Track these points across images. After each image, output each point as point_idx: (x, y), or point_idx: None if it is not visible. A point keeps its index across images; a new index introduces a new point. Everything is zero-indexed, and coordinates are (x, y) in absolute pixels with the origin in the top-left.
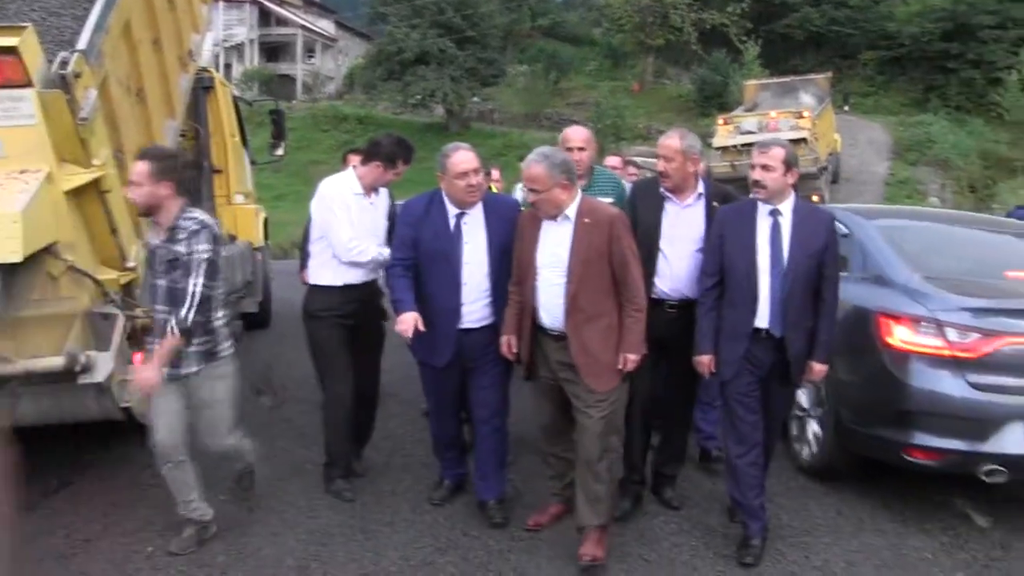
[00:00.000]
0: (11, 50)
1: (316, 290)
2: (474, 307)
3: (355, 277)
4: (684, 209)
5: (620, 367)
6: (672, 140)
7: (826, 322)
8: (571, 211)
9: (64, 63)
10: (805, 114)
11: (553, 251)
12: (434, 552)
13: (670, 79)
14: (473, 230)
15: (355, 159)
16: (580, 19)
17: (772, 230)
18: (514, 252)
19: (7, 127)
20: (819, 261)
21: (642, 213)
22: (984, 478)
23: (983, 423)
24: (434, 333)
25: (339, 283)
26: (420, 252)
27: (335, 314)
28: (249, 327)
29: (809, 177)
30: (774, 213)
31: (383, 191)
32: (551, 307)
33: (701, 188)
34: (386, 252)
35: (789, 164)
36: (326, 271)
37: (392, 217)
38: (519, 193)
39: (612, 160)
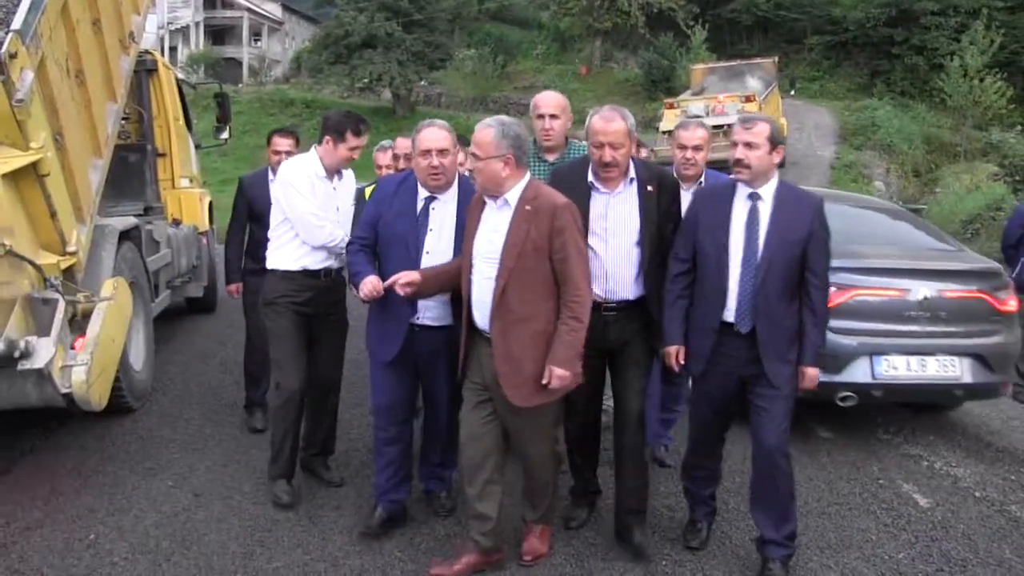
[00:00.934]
0: None
1: (272, 276)
2: (431, 303)
3: (313, 262)
4: (614, 197)
5: (545, 382)
6: (617, 123)
7: (812, 320)
8: (513, 195)
9: None
10: (752, 98)
11: (489, 239)
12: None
13: (618, 63)
14: (441, 217)
15: (280, 141)
16: (528, 2)
17: (749, 215)
18: None
19: None
20: (801, 252)
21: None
22: (839, 403)
23: (837, 358)
24: (385, 324)
25: (296, 267)
26: (380, 233)
27: (290, 301)
28: (194, 311)
29: None
30: (753, 197)
31: (348, 175)
32: (482, 304)
33: (632, 172)
34: (344, 236)
35: (775, 141)
36: (282, 255)
37: (359, 201)
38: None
39: None
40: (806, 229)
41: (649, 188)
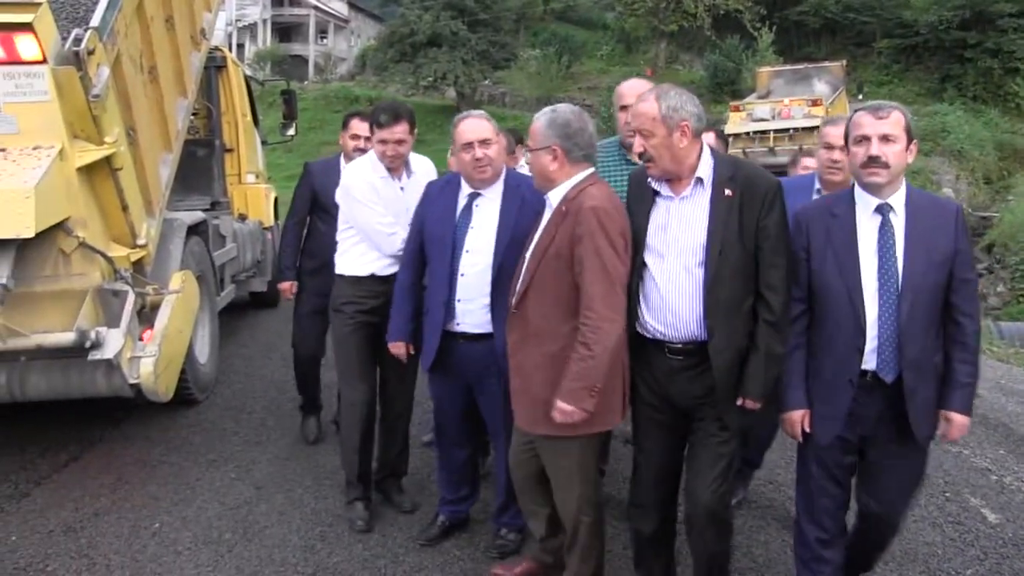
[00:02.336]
0: (26, 26)
1: (340, 280)
2: (471, 307)
3: (381, 267)
4: (678, 203)
5: (554, 415)
6: (645, 104)
7: (962, 356)
8: (557, 194)
9: (78, 40)
10: (819, 102)
11: (534, 240)
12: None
13: (683, 65)
14: (485, 214)
15: (360, 125)
16: (593, 3)
17: (881, 233)
18: None
19: (21, 103)
20: (947, 274)
21: (634, 214)
22: None
23: None
24: (425, 330)
25: (364, 273)
26: (424, 236)
27: (357, 308)
28: (258, 306)
29: None
30: (883, 210)
31: (417, 174)
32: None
33: (705, 170)
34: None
35: (911, 134)
36: (350, 259)
37: None
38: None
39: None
40: (951, 245)
41: (727, 192)
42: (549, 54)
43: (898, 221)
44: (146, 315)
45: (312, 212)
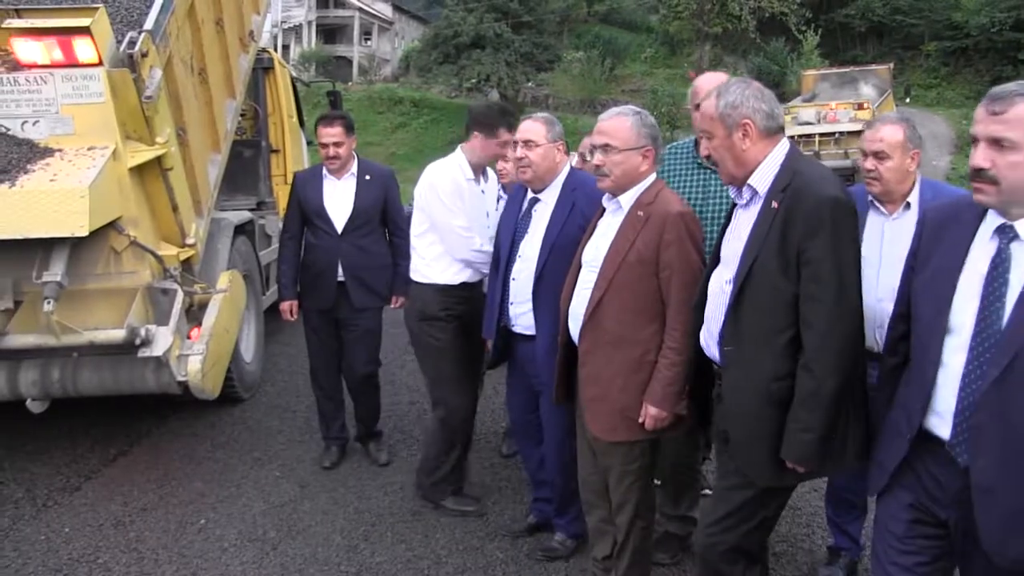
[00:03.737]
0: (84, 30)
1: (427, 289)
2: (522, 310)
3: (471, 275)
4: (739, 212)
5: (640, 420)
6: (708, 102)
7: None
8: (628, 198)
9: (132, 43)
10: (865, 105)
11: (596, 244)
12: (483, 537)
13: (727, 68)
14: (539, 220)
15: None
16: (637, 5)
17: (994, 263)
18: None
19: (78, 104)
20: None
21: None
22: None
23: None
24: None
25: (455, 282)
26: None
27: (450, 314)
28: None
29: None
30: (1005, 233)
31: (492, 175)
32: (577, 317)
33: (761, 177)
34: (487, 248)
35: None
36: (439, 269)
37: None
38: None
39: None
40: None
41: (774, 204)
42: (592, 56)
43: (1021, 251)
44: (194, 313)
45: (304, 224)
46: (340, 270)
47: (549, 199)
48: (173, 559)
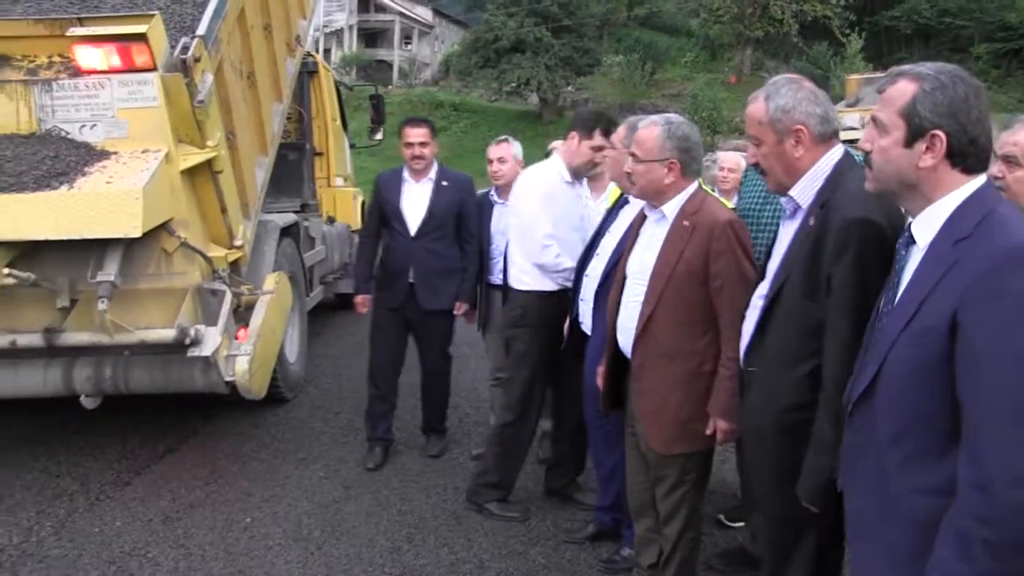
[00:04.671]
0: (141, 37)
1: (522, 295)
2: (588, 307)
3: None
4: (784, 225)
5: (709, 432)
6: (754, 104)
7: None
8: (671, 208)
9: (185, 48)
10: None
11: (642, 256)
12: (526, 543)
13: (768, 72)
14: (622, 224)
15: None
16: (677, 9)
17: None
18: None
19: (132, 108)
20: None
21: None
22: None
23: None
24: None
25: (547, 289)
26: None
27: (542, 324)
28: (344, 308)
29: None
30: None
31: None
32: (626, 330)
33: (803, 189)
34: (566, 264)
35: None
36: (535, 274)
37: None
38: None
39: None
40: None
41: (811, 220)
42: (632, 60)
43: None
44: (241, 314)
45: (382, 224)
46: (411, 272)
47: (636, 204)
48: (220, 556)
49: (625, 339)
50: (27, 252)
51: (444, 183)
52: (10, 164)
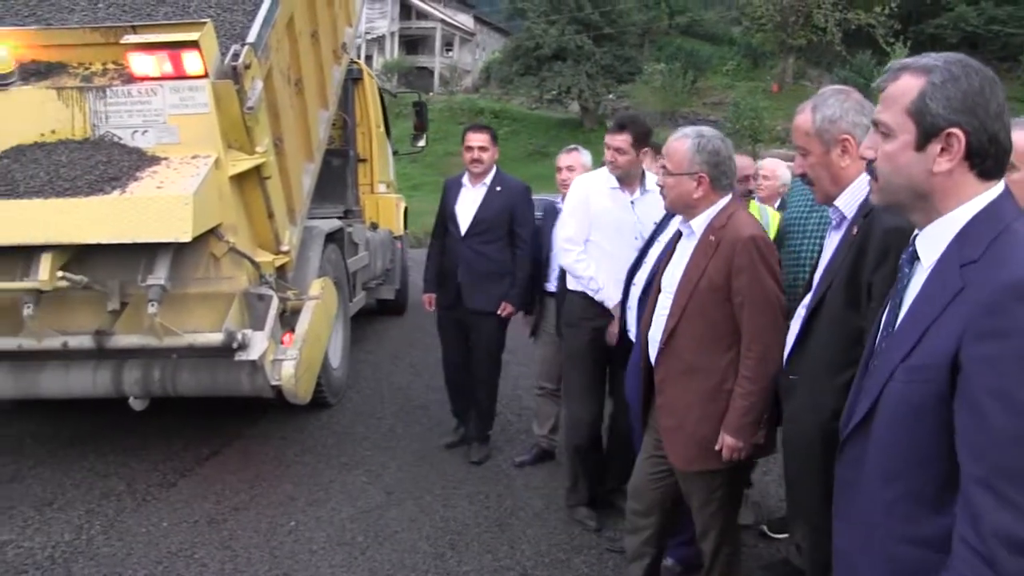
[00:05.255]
0: (193, 44)
1: (573, 296)
2: (632, 316)
3: (592, 292)
4: (830, 234)
5: (717, 448)
6: (802, 116)
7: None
8: (700, 222)
9: (236, 55)
10: None
11: (673, 270)
12: (569, 551)
13: (811, 81)
14: (671, 232)
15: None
16: (719, 17)
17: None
18: None
19: (184, 115)
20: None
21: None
22: None
23: None
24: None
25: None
26: None
27: (590, 324)
28: (385, 313)
29: None
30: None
31: (652, 192)
32: (656, 341)
33: (852, 196)
34: (613, 296)
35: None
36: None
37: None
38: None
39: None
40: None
41: (855, 230)
42: (674, 68)
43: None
44: (286, 319)
45: (445, 225)
46: (459, 271)
47: None
48: (265, 559)
49: (654, 351)
50: (79, 255)
51: (498, 188)
52: (65, 169)
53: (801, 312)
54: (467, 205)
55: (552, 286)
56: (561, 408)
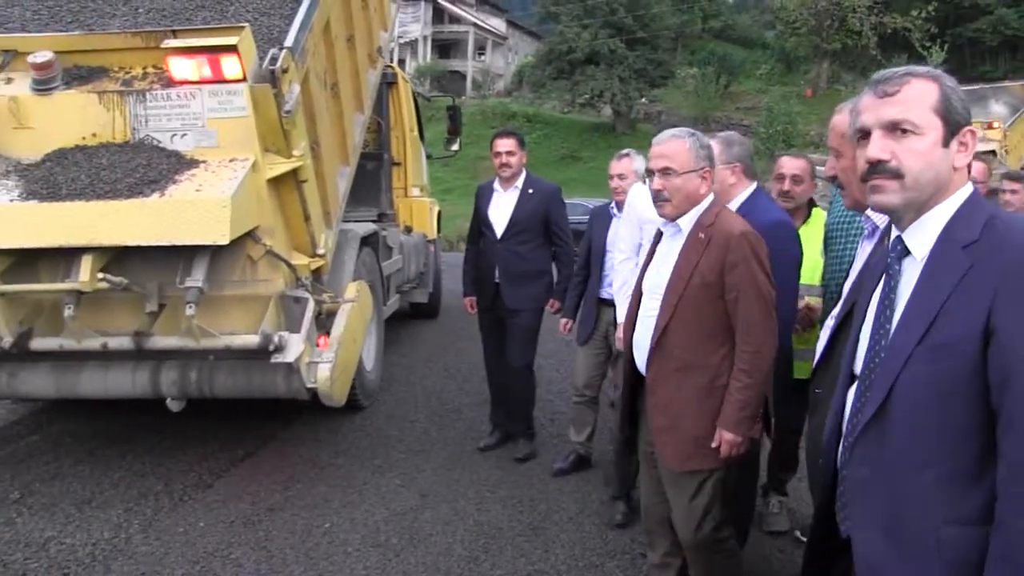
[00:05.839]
0: (232, 48)
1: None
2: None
3: None
4: (866, 242)
5: (714, 445)
6: (839, 117)
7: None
8: (687, 220)
9: (273, 59)
10: (995, 124)
11: (659, 271)
12: (603, 555)
13: (845, 85)
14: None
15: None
16: (752, 21)
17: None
18: None
19: (222, 119)
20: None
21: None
22: None
23: None
24: None
25: None
26: None
27: None
28: (418, 317)
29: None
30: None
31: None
32: (643, 346)
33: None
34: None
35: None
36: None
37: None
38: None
39: None
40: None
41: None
42: (707, 73)
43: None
44: (321, 322)
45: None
46: (497, 272)
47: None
48: (300, 559)
49: (640, 355)
50: (119, 257)
51: (530, 191)
52: (105, 172)
53: (830, 323)
54: (501, 209)
55: (607, 293)
56: (599, 416)
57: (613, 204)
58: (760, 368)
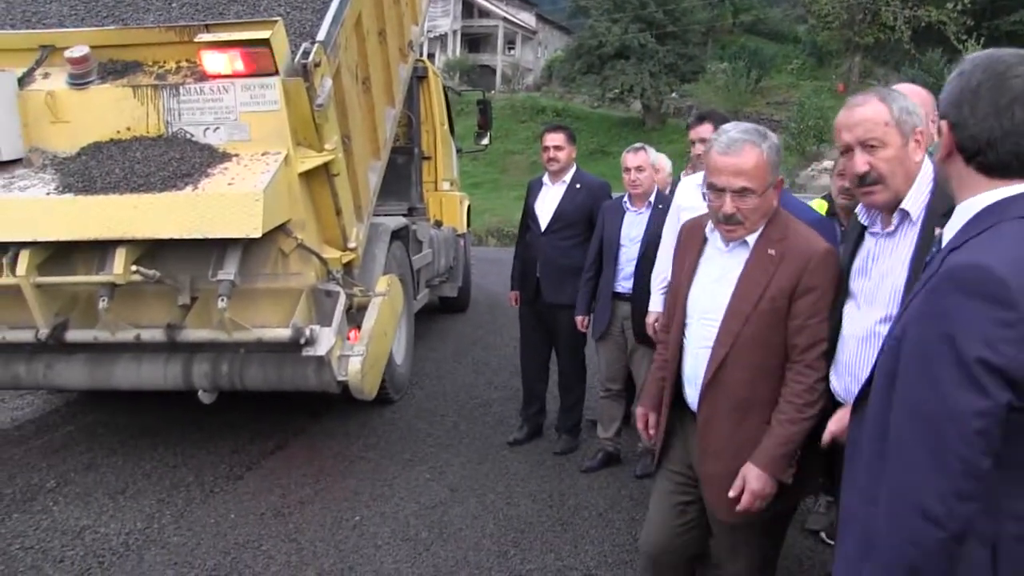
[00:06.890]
0: (264, 42)
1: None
2: None
3: None
4: (884, 239)
5: (733, 494)
6: (872, 108)
7: None
8: (753, 234)
9: (306, 53)
10: None
11: (712, 290)
12: (632, 551)
13: (877, 80)
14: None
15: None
16: (784, 15)
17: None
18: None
19: (254, 112)
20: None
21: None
22: None
23: None
24: None
25: None
26: None
27: None
28: (447, 311)
29: None
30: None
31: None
32: (696, 377)
33: (918, 196)
34: None
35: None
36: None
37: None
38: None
39: None
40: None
41: (937, 230)
42: (738, 67)
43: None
44: (352, 315)
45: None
46: (538, 266)
47: None
48: (330, 552)
49: (694, 389)
50: (152, 250)
51: (578, 186)
52: (139, 165)
53: (879, 329)
54: (547, 202)
55: (622, 287)
56: (626, 410)
57: (627, 197)
58: (820, 403)
